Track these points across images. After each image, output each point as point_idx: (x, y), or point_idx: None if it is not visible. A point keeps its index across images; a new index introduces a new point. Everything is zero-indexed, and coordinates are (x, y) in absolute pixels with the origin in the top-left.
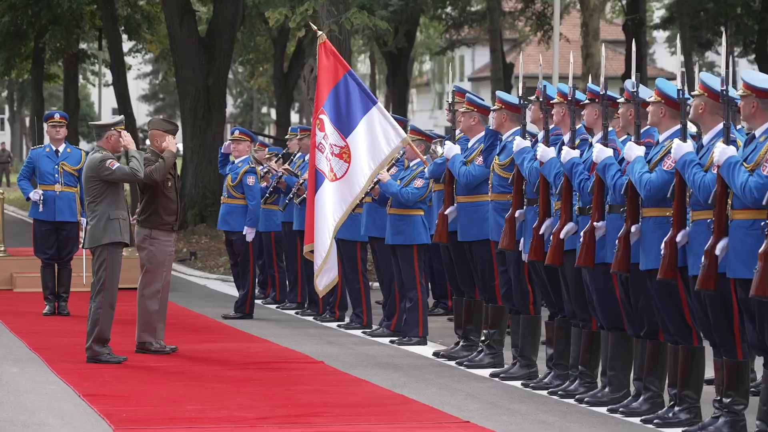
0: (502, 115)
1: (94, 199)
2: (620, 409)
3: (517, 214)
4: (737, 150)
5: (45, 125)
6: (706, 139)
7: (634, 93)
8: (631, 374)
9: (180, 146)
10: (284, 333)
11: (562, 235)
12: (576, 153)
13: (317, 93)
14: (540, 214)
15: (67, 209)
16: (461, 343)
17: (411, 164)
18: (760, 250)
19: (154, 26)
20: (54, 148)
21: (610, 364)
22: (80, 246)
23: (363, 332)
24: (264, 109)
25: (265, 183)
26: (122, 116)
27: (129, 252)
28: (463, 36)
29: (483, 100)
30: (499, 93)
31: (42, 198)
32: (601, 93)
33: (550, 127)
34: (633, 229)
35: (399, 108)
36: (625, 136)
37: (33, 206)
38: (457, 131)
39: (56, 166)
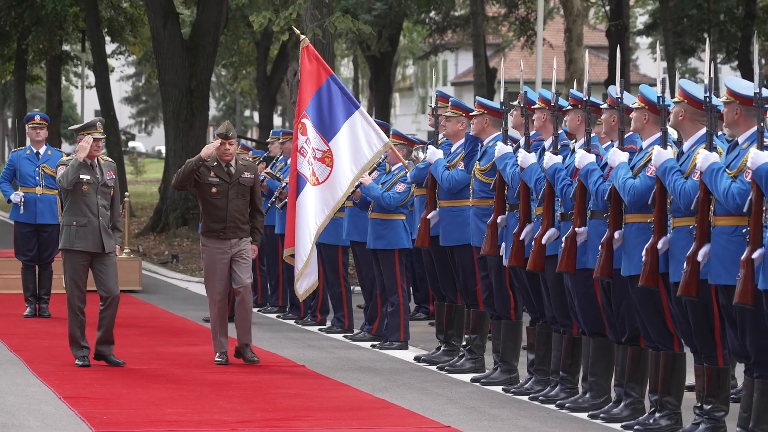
0: (484, 120)
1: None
2: (601, 415)
3: (499, 220)
4: (718, 157)
5: (26, 127)
6: (686, 145)
7: (618, 99)
8: (612, 380)
9: (162, 149)
10: (265, 336)
11: (543, 241)
12: (559, 158)
13: (299, 97)
14: (520, 220)
15: (48, 211)
16: (442, 348)
17: (393, 169)
18: (742, 257)
19: (137, 28)
20: (35, 151)
21: (591, 369)
22: None
23: (344, 336)
24: (247, 112)
25: None
26: (91, 120)
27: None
28: (446, 40)
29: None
30: (479, 98)
31: (23, 200)
32: (584, 99)
33: (531, 132)
34: (616, 235)
35: (382, 112)
36: (609, 143)
37: (14, 208)
38: (440, 135)
39: (37, 169)
